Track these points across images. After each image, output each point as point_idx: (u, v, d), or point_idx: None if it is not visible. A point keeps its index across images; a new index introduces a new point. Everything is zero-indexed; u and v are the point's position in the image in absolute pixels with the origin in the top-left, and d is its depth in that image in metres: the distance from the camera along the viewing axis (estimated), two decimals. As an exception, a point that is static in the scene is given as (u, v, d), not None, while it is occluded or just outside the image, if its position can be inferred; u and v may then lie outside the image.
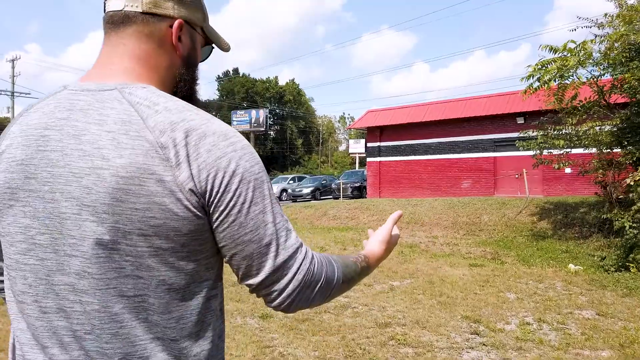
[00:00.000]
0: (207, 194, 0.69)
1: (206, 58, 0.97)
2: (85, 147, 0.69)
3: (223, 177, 0.70)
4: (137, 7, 0.78)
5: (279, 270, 0.74)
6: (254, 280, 0.74)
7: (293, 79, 70.75)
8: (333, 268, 0.82)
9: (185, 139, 0.69)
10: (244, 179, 0.71)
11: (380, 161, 21.85)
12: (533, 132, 9.48)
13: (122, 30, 0.79)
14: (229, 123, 47.61)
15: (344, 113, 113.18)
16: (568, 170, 17.30)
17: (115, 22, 0.79)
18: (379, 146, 21.88)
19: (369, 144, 22.42)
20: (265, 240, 0.72)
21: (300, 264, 0.75)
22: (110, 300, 0.69)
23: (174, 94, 0.82)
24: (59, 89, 0.78)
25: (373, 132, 22.07)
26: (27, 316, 0.72)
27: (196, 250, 0.71)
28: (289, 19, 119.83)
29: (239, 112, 46.55)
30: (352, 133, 72.92)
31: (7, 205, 0.73)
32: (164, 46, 0.81)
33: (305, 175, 33.00)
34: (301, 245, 0.77)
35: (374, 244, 1.01)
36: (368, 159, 22.44)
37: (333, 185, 24.75)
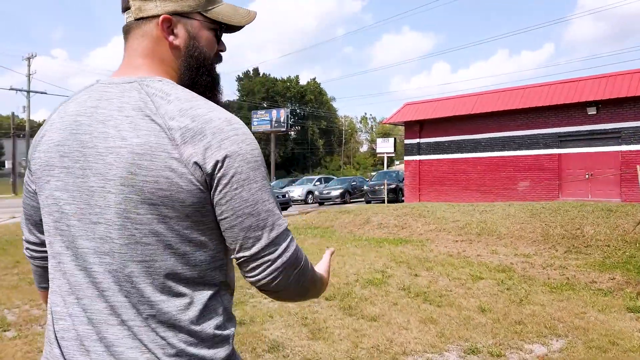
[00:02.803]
0: (212, 170, 0.77)
1: (220, 39, 0.98)
2: (109, 130, 0.80)
3: (226, 156, 0.77)
4: (130, 17, 0.90)
5: (272, 245, 0.81)
6: (248, 252, 0.80)
7: (314, 78, 68.50)
8: (307, 258, 0.90)
9: (192, 123, 0.78)
10: (245, 159, 0.79)
11: (420, 160, 19.35)
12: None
13: (129, 38, 0.91)
14: (249, 123, 45.98)
15: (365, 113, 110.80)
16: (652, 169, 14.63)
17: (125, 32, 0.92)
18: (418, 143, 19.39)
19: (406, 141, 19.95)
20: (262, 216, 0.80)
21: (289, 243, 0.83)
22: (124, 263, 0.78)
23: (182, 83, 0.90)
24: (93, 82, 0.91)
25: (411, 127, 19.59)
26: (64, 273, 0.83)
27: (199, 220, 0.80)
28: (309, 21, 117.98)
29: (259, 112, 44.70)
30: (378, 132, 70.36)
31: (45, 181, 0.85)
32: (160, 42, 0.89)
33: (332, 177, 30.63)
34: (287, 227, 0.85)
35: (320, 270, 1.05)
36: (405, 158, 19.96)
37: (365, 187, 22.34)
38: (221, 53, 0.99)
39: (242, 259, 0.82)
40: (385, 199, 13.74)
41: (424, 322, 4.18)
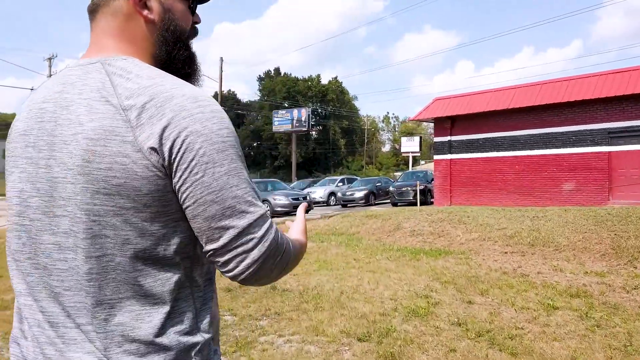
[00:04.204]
0: (169, 153, 0.69)
1: (194, 10, 0.92)
2: (71, 116, 0.74)
3: (187, 136, 0.69)
4: None
5: (243, 235, 0.72)
6: (216, 244, 0.73)
7: (336, 77, 67.33)
8: (288, 240, 0.82)
9: (151, 101, 0.70)
10: (209, 140, 0.70)
11: (451, 159, 17.95)
12: None
13: (95, 17, 0.83)
14: (270, 123, 45.16)
15: (387, 112, 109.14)
16: None
17: (91, 11, 0.84)
18: (449, 141, 17.99)
19: (436, 139, 18.59)
20: (229, 203, 0.72)
21: (266, 231, 0.75)
22: (84, 259, 0.72)
23: (159, 61, 0.84)
24: (64, 67, 0.84)
25: (442, 124, 18.20)
26: (22, 272, 0.78)
27: (160, 211, 0.72)
28: (331, 20, 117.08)
29: (280, 111, 43.94)
30: (401, 131, 68.74)
31: (9, 172, 0.81)
32: (132, 18, 0.82)
33: (356, 177, 29.34)
34: (266, 213, 0.76)
35: (296, 235, 0.95)
36: (435, 157, 18.60)
37: (391, 188, 21.03)
38: (196, 25, 0.92)
39: (211, 252, 0.74)
40: (418, 201, 12.41)
41: (502, 385, 2.95)
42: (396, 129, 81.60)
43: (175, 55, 0.85)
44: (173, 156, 0.69)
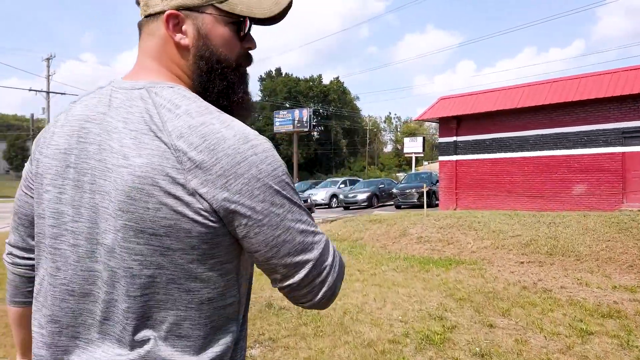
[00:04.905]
0: (226, 201, 0.68)
1: (245, 35, 0.82)
2: (113, 144, 0.71)
3: (244, 184, 0.68)
4: (141, 14, 0.80)
5: (317, 266, 0.73)
6: (293, 280, 0.73)
7: (337, 77, 66.80)
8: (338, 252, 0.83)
9: (203, 144, 0.67)
10: (266, 185, 0.69)
11: (456, 160, 17.37)
12: None
13: (140, 36, 0.82)
14: (272, 124, 44.66)
15: (389, 113, 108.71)
16: None
17: (138, 29, 0.82)
18: (455, 141, 17.40)
19: (441, 139, 18.00)
20: (299, 239, 0.72)
21: (333, 253, 0.76)
22: (120, 295, 0.70)
23: (194, 89, 0.80)
24: (106, 83, 0.80)
25: (447, 124, 17.62)
26: (54, 297, 0.74)
27: (207, 254, 0.70)
28: (332, 21, 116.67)
29: (281, 112, 43.47)
30: (403, 131, 68.20)
31: (44, 190, 0.76)
32: (168, 42, 0.79)
33: (358, 179, 28.78)
34: (327, 238, 0.77)
35: None
36: (440, 158, 18.01)
37: (394, 191, 20.45)
38: (250, 52, 0.85)
39: (289, 287, 0.74)
40: (425, 204, 11.82)
41: None
42: (398, 129, 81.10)
43: (207, 86, 0.79)
44: (232, 207, 0.67)
